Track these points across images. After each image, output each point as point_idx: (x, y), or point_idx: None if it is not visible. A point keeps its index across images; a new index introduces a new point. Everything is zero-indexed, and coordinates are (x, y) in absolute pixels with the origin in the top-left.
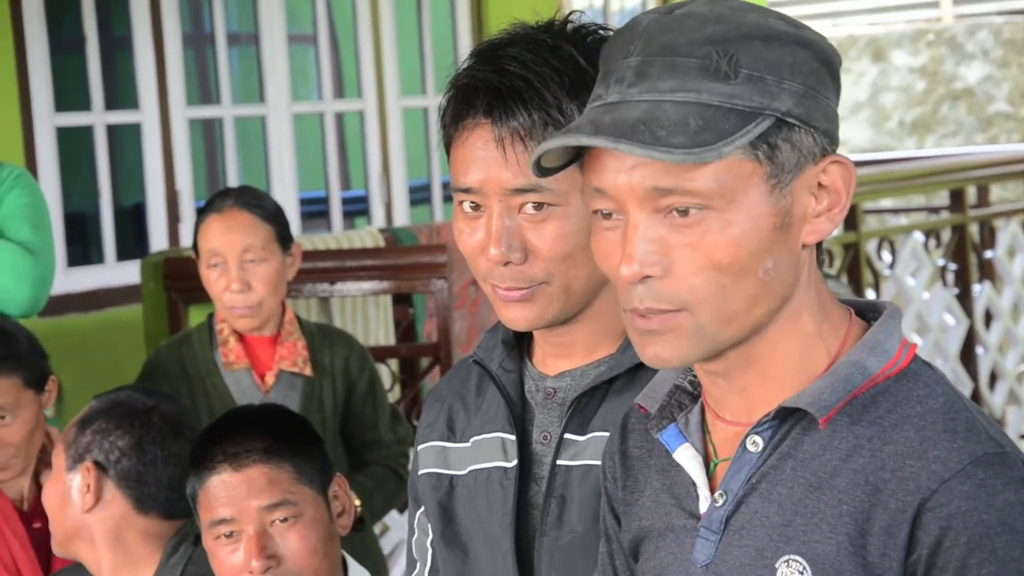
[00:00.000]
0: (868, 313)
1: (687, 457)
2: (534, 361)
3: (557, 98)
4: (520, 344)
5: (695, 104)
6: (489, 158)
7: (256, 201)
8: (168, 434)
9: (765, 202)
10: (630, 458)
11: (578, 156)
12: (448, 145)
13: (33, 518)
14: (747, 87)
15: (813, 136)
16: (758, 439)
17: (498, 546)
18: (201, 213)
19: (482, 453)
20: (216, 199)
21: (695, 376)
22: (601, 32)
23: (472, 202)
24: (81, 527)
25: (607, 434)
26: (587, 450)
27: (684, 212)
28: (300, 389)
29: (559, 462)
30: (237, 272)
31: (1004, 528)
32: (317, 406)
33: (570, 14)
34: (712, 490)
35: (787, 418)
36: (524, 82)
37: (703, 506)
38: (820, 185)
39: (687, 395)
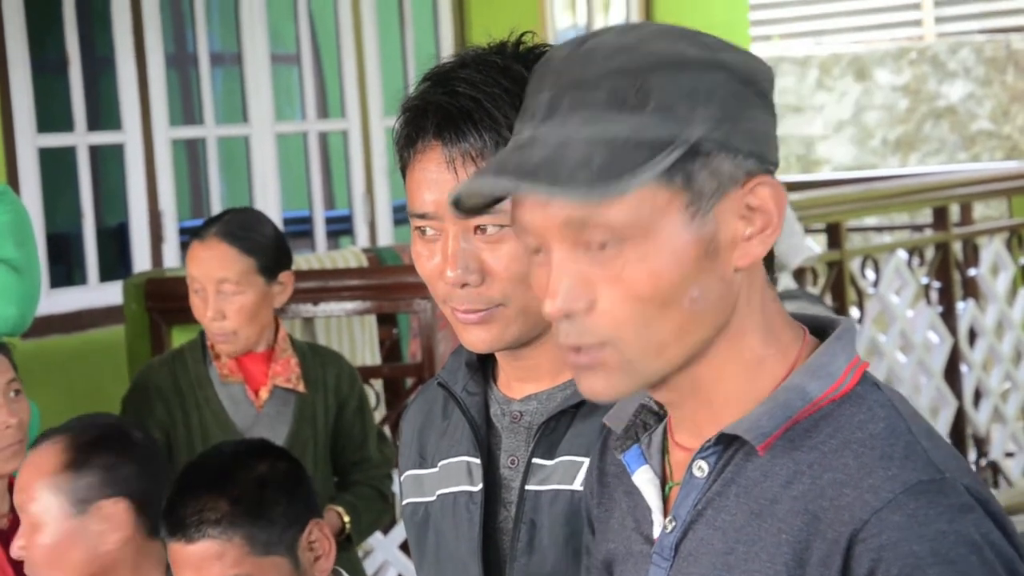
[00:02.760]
0: (827, 331)
1: (644, 480)
2: (499, 384)
3: (508, 118)
4: (484, 367)
5: (602, 139)
6: (442, 180)
7: (242, 232)
8: (153, 451)
9: (685, 231)
10: (606, 475)
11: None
12: (403, 169)
13: (10, 535)
14: (656, 117)
15: (734, 160)
16: (704, 464)
17: (467, 571)
18: (191, 236)
19: (449, 477)
20: (206, 224)
21: None
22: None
23: (428, 226)
24: (106, 567)
25: (575, 458)
26: (555, 474)
27: (603, 245)
28: (293, 405)
29: (528, 487)
30: (213, 301)
31: (936, 559)
32: (310, 422)
33: (523, 35)
34: (665, 515)
35: (730, 444)
36: (474, 103)
37: (656, 531)
38: (749, 207)
39: (652, 415)
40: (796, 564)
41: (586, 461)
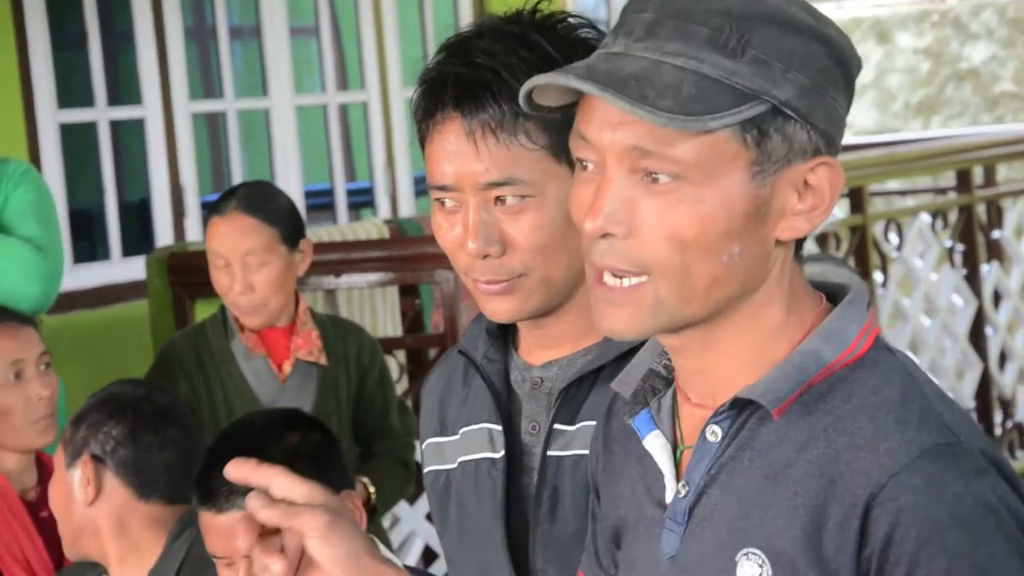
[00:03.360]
0: (839, 297)
1: (656, 445)
2: (520, 351)
3: None
4: (505, 334)
5: (694, 72)
6: (462, 152)
7: (261, 203)
8: (161, 420)
9: (743, 187)
10: (612, 440)
11: (574, 102)
12: (421, 141)
13: (40, 508)
14: (751, 68)
15: (809, 133)
16: (717, 429)
17: (490, 538)
18: (209, 213)
19: (470, 444)
20: (222, 200)
21: (668, 360)
22: (571, 19)
23: (448, 198)
24: (86, 522)
25: (596, 423)
26: (577, 440)
27: (659, 178)
28: (316, 378)
29: (549, 453)
30: (240, 274)
31: (955, 521)
32: (333, 395)
33: (538, 3)
34: (678, 479)
35: (744, 408)
36: (492, 73)
37: (669, 496)
38: (806, 184)
39: (661, 380)
40: (813, 527)
41: None
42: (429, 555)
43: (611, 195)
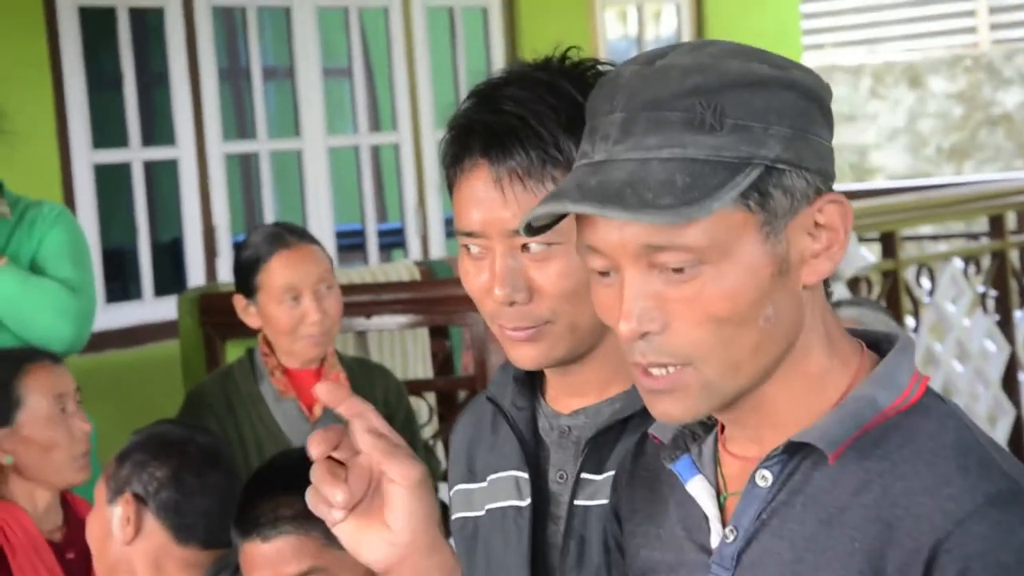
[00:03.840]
0: (883, 345)
1: (699, 489)
2: (547, 398)
3: (554, 135)
4: (532, 381)
5: (681, 160)
6: (489, 199)
7: (310, 234)
8: (205, 464)
9: (760, 251)
10: (637, 479)
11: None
12: (450, 187)
13: (66, 549)
14: (733, 137)
15: (806, 178)
16: (767, 474)
17: None
18: (259, 254)
19: (498, 492)
20: (273, 238)
21: None
22: (599, 67)
23: (475, 244)
24: (122, 560)
25: None
26: (604, 489)
27: (679, 268)
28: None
29: (577, 502)
30: (313, 302)
31: (1023, 567)
32: None
33: (568, 50)
34: (723, 524)
35: (796, 452)
36: (520, 121)
37: (714, 541)
38: (817, 224)
39: (701, 425)
40: (871, 572)
41: None
42: None
43: (635, 295)
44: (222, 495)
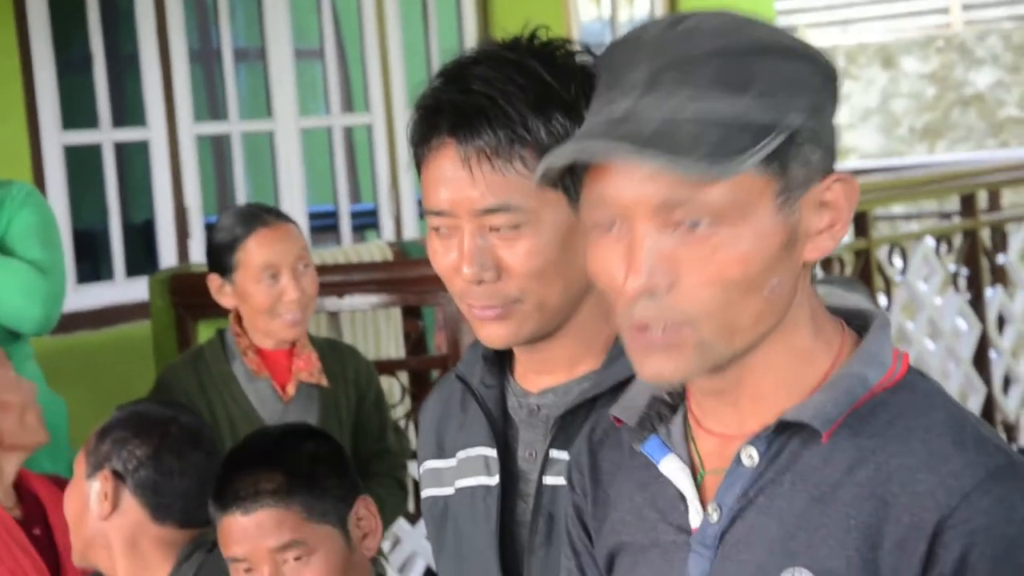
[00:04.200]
0: (854, 321)
1: (674, 469)
2: (516, 376)
3: (522, 115)
4: (501, 359)
5: (710, 118)
6: (457, 178)
7: (286, 214)
8: (186, 445)
9: (774, 219)
10: (600, 471)
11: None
12: (418, 166)
13: (31, 526)
14: (761, 102)
15: (820, 153)
16: (753, 452)
17: (485, 565)
18: (236, 233)
19: (467, 469)
20: (250, 217)
21: (672, 386)
22: (567, 47)
23: (443, 224)
24: (98, 535)
25: None
26: None
27: (695, 225)
28: (318, 400)
29: (545, 480)
30: (296, 280)
31: None
32: (335, 416)
33: (536, 29)
34: (702, 503)
35: (784, 431)
36: (488, 100)
37: (694, 521)
38: (822, 203)
39: (666, 406)
40: (868, 548)
41: None
42: (430, 574)
43: (648, 251)
44: (201, 476)
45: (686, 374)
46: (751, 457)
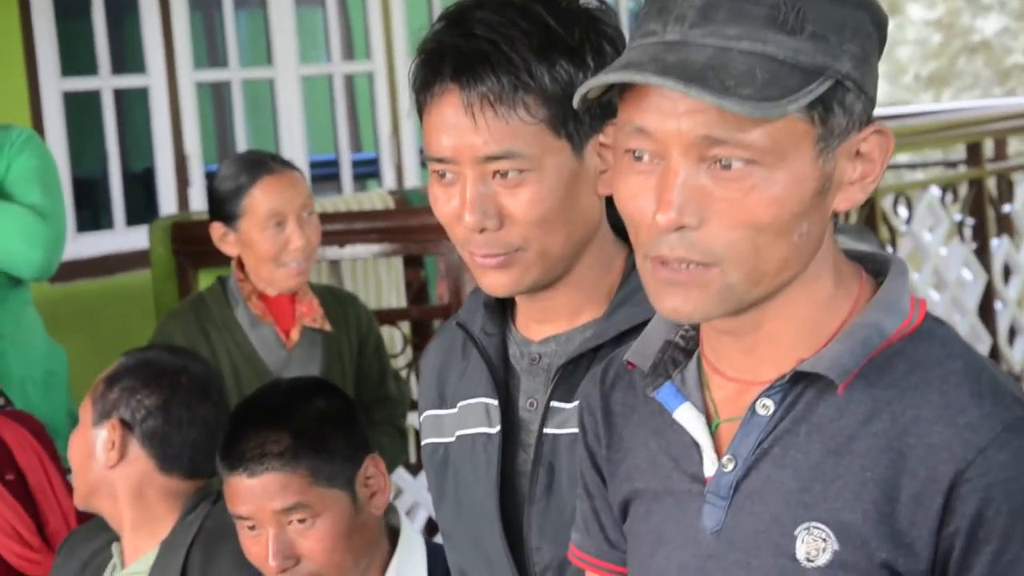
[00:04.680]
0: (868, 265)
1: (689, 417)
2: (518, 325)
3: (526, 61)
4: (503, 307)
5: (761, 56)
6: (460, 125)
7: (291, 162)
8: (195, 396)
9: (812, 165)
10: (613, 415)
11: (609, 88)
12: (420, 112)
13: (3, 472)
14: (812, 44)
15: (863, 102)
16: (768, 402)
17: (485, 514)
18: (242, 180)
19: (467, 418)
20: (257, 164)
21: (687, 330)
22: None
23: (446, 170)
24: (103, 482)
25: None
26: (574, 418)
27: (727, 164)
28: (321, 345)
29: (546, 430)
30: (301, 229)
31: None
32: (338, 362)
33: None
34: (717, 452)
35: (800, 381)
36: (491, 45)
37: (708, 470)
38: (858, 153)
39: (680, 351)
40: (885, 501)
41: None
42: (432, 527)
43: (680, 185)
44: (210, 427)
45: (705, 315)
46: (766, 407)
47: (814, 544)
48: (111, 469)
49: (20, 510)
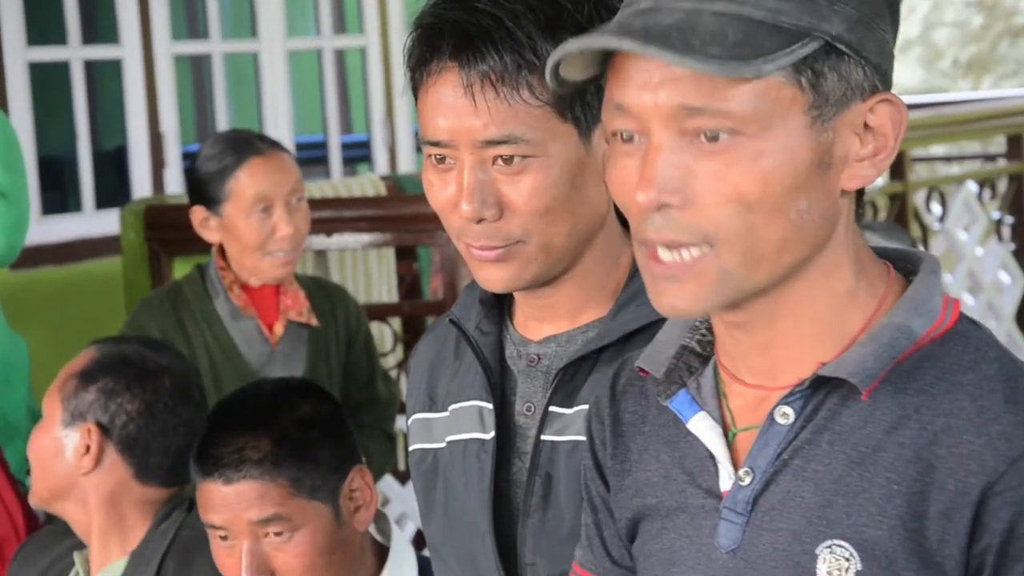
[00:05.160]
0: (899, 263)
1: (704, 428)
2: (516, 323)
3: (531, 38)
4: (500, 304)
5: (736, 16)
6: (458, 106)
7: (280, 143)
8: (178, 399)
9: (804, 135)
10: (622, 423)
11: (600, 73)
12: (415, 92)
13: None
14: (795, 3)
15: (864, 69)
16: (788, 410)
17: (476, 527)
18: (227, 161)
19: (459, 423)
20: (243, 144)
21: (703, 335)
22: None
23: (442, 155)
24: (71, 487)
25: None
26: (574, 424)
27: (714, 137)
28: (307, 340)
29: (544, 437)
30: (289, 215)
31: None
32: (324, 359)
33: None
34: (734, 464)
35: (821, 386)
36: (494, 21)
37: (724, 484)
38: (867, 126)
39: (696, 356)
40: (912, 517)
41: None
42: (421, 540)
43: (662, 162)
44: (192, 432)
45: (705, 306)
46: (786, 415)
47: (836, 564)
48: (84, 476)
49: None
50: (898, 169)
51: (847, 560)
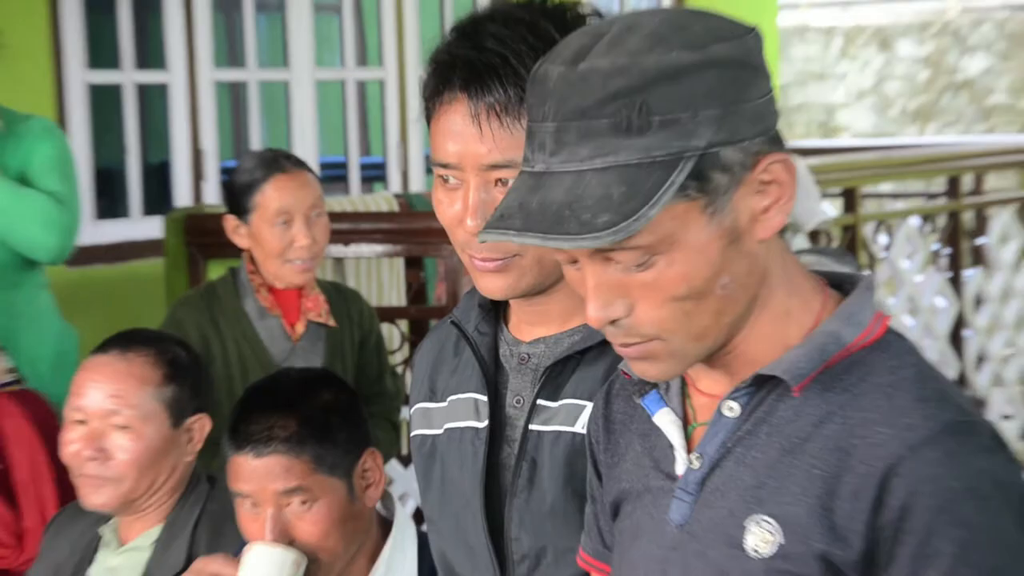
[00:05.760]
0: (845, 285)
1: (666, 421)
2: (510, 326)
3: None
4: (496, 308)
5: (615, 168)
6: (466, 133)
7: (305, 162)
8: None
9: (707, 231)
10: (613, 422)
11: None
12: (428, 119)
13: None
14: (662, 134)
15: (743, 149)
16: (735, 405)
17: (469, 504)
18: (256, 176)
19: (457, 412)
20: (271, 162)
21: None
22: (578, 9)
23: (450, 175)
24: (160, 474)
25: (578, 401)
26: (558, 416)
27: (640, 265)
28: (325, 340)
29: (531, 427)
30: (304, 228)
31: (971, 494)
32: (339, 356)
33: None
34: (689, 452)
35: (763, 385)
36: (500, 59)
37: (679, 468)
38: (763, 182)
39: None
40: (827, 495)
41: (588, 405)
42: (421, 515)
43: (597, 288)
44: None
45: (671, 375)
46: (732, 409)
47: (761, 535)
48: (192, 460)
49: (0, 504)
50: (851, 203)
51: (771, 534)
